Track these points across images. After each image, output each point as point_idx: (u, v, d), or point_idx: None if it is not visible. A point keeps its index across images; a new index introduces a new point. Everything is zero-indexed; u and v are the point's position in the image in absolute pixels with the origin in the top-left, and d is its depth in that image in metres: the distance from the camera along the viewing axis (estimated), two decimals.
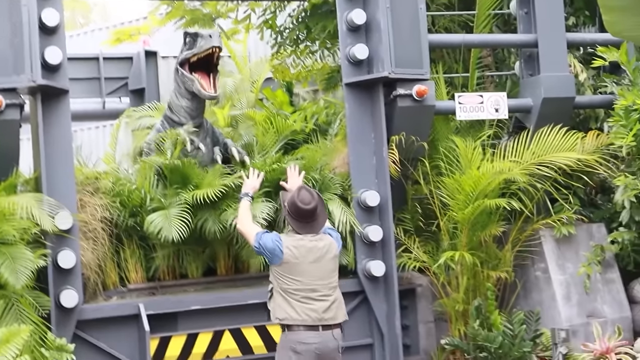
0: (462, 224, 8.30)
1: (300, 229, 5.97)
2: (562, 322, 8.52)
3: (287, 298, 5.85)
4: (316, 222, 6.03)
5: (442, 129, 8.86)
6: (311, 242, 5.93)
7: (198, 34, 8.15)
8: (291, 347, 5.81)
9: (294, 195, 6.02)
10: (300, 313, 5.81)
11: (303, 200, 5.94)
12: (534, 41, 8.94)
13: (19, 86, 6.97)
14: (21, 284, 6.33)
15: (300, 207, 5.93)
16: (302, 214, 5.95)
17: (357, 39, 8.12)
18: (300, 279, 5.85)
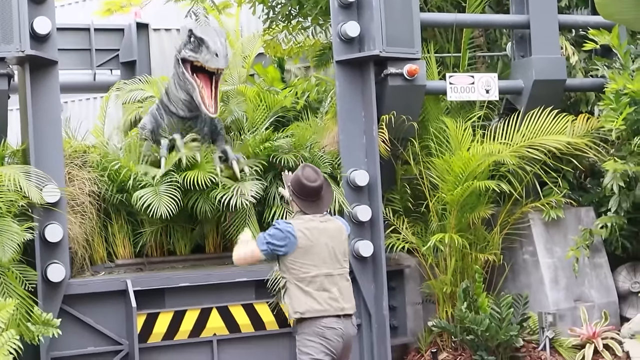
0: (451, 206, 8.29)
1: (307, 208, 5.82)
2: (549, 305, 8.55)
3: (304, 289, 5.69)
4: (322, 201, 5.90)
5: (432, 109, 8.84)
6: (322, 224, 5.79)
7: (204, 42, 7.64)
8: (317, 332, 5.66)
9: (297, 173, 5.88)
10: (322, 303, 5.67)
11: (308, 178, 5.80)
12: (526, 22, 8.90)
13: (7, 56, 6.90)
14: (8, 257, 6.27)
15: (305, 185, 5.79)
16: (308, 191, 5.81)
17: (348, 16, 8.05)
18: (316, 264, 5.69)
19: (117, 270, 7.81)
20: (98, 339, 7.35)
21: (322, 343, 5.66)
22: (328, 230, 5.80)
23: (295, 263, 5.70)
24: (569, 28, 9.72)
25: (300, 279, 5.69)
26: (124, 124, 10.62)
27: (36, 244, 6.97)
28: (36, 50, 7.01)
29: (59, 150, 7.28)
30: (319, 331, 5.64)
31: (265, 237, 5.76)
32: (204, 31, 7.78)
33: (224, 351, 7.64)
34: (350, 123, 8.14)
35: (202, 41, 7.63)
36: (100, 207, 7.77)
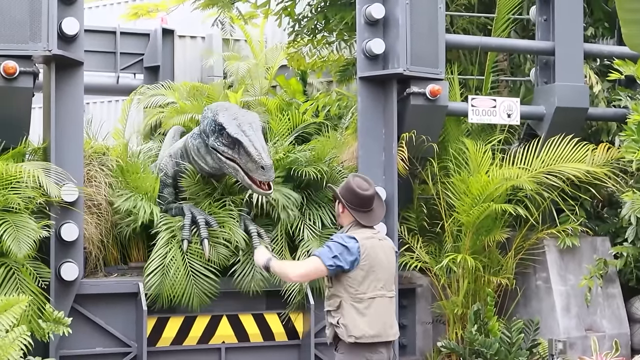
0: (466, 227, 8.27)
1: (364, 219, 5.44)
2: (560, 333, 8.50)
3: (362, 310, 5.30)
4: (377, 210, 5.56)
5: (453, 130, 8.84)
6: (380, 242, 5.47)
7: (243, 146, 7.07)
8: (366, 357, 5.33)
9: (348, 182, 5.53)
10: (375, 327, 5.31)
11: (361, 187, 5.46)
12: (551, 49, 8.90)
13: (34, 54, 6.95)
14: (23, 253, 6.30)
15: (359, 194, 5.43)
16: (363, 201, 5.45)
17: (374, 34, 8.08)
18: (374, 284, 5.34)
19: (129, 273, 7.82)
20: (107, 340, 7.37)
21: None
22: (384, 248, 5.48)
23: (354, 282, 5.31)
24: (593, 57, 9.71)
25: (357, 300, 5.31)
26: (144, 127, 10.70)
27: (51, 242, 7.00)
28: (63, 50, 7.06)
29: (80, 150, 7.31)
30: (368, 356, 5.33)
31: (332, 251, 5.30)
32: (237, 130, 7.15)
33: (231, 359, 7.64)
34: (370, 139, 8.15)
35: (239, 144, 7.12)
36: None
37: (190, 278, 7.36)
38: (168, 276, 7.30)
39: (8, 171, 6.57)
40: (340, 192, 5.54)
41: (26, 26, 6.87)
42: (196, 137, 7.64)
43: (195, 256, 7.44)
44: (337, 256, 5.26)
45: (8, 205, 6.55)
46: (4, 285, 6.39)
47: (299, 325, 7.86)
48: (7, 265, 6.48)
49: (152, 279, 7.29)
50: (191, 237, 7.44)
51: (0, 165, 6.53)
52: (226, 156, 7.22)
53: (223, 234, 7.49)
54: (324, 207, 8.07)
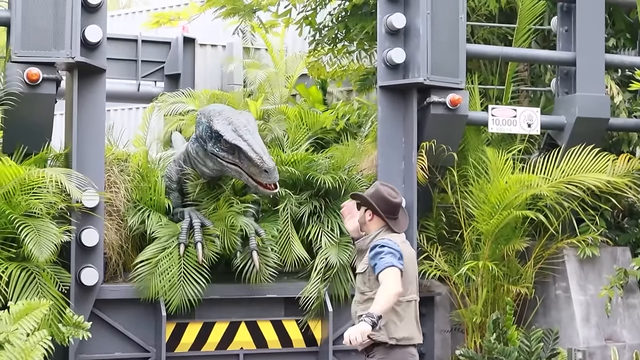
0: (485, 236, 8.26)
1: (394, 225, 5.53)
2: (579, 343, 8.45)
3: (399, 313, 5.35)
4: (403, 219, 5.66)
5: (472, 140, 8.83)
6: (409, 247, 5.60)
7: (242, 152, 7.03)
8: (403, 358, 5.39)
9: (378, 189, 5.59)
10: (411, 329, 5.40)
11: (391, 194, 5.55)
12: (572, 59, 8.88)
13: (58, 61, 7.01)
14: (45, 257, 6.34)
15: (392, 202, 5.52)
16: (394, 208, 5.54)
17: (395, 43, 8.11)
18: (408, 287, 5.40)
19: None
20: (126, 345, 7.41)
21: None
22: (412, 253, 5.60)
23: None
24: (615, 68, 9.68)
25: (397, 303, 5.30)
26: (164, 135, 10.76)
27: (72, 247, 7.05)
28: (86, 58, 7.12)
29: (101, 157, 7.37)
30: (405, 358, 5.39)
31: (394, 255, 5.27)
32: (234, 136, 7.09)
33: None
34: (390, 148, 8.17)
35: (238, 149, 7.07)
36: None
37: (180, 279, 7.34)
38: (157, 271, 7.31)
39: (30, 176, 6.62)
40: (371, 199, 5.58)
41: (50, 33, 6.95)
42: (194, 142, 7.60)
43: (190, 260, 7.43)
44: (399, 258, 5.28)
45: (30, 210, 6.60)
46: (25, 289, 6.43)
47: (317, 332, 7.88)
48: (29, 270, 6.52)
49: (141, 268, 7.32)
50: (187, 241, 7.42)
51: (23, 171, 6.58)
52: (227, 161, 7.21)
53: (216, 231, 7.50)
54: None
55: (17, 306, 5.67)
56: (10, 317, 5.55)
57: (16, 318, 5.53)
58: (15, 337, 5.27)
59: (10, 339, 5.25)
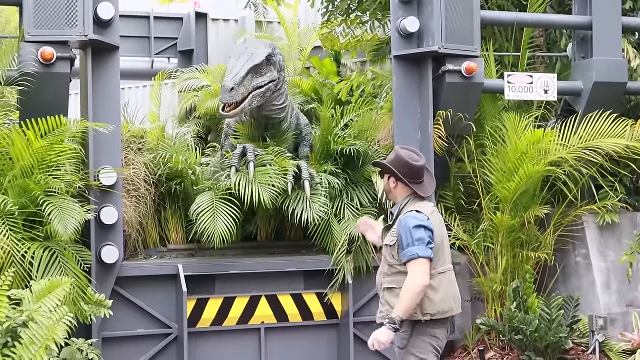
0: (504, 203, 8.22)
1: (422, 190, 5.35)
2: (600, 309, 8.43)
3: (433, 286, 5.16)
4: (431, 180, 5.52)
5: (489, 108, 8.77)
6: (439, 215, 5.45)
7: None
8: (431, 333, 5.26)
9: (398, 155, 5.39)
10: (449, 301, 5.25)
11: (413, 158, 5.37)
12: (589, 23, 8.79)
13: (71, 40, 7.00)
14: (69, 234, 6.34)
15: (414, 166, 5.33)
16: (419, 172, 5.36)
17: (408, 12, 8.05)
18: (443, 257, 5.29)
19: (169, 255, 7.89)
20: (148, 322, 7.45)
21: (433, 344, 5.29)
22: (441, 220, 5.46)
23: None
24: (632, 31, 9.55)
25: (430, 276, 5.16)
26: (179, 112, 10.74)
27: (92, 225, 7.07)
28: (99, 35, 7.11)
29: (117, 134, 7.36)
30: (433, 332, 5.25)
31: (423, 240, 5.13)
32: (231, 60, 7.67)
33: (271, 339, 7.71)
34: (406, 118, 8.13)
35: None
36: (154, 191, 7.86)
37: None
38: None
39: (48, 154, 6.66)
40: (393, 165, 5.41)
41: (62, 12, 6.93)
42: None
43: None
44: (429, 241, 5.16)
45: (50, 189, 6.61)
46: (48, 268, 6.46)
47: (338, 305, 7.89)
48: (51, 249, 6.55)
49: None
50: (239, 165, 7.60)
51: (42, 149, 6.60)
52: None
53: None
54: (362, 186, 8.09)
55: (40, 285, 5.70)
56: (34, 296, 5.58)
57: (39, 297, 5.56)
58: (39, 315, 5.29)
59: (34, 318, 5.27)
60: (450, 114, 8.03)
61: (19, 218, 6.54)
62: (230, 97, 7.25)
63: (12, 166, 6.63)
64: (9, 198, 6.47)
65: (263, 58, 7.56)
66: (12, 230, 6.43)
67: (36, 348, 5.14)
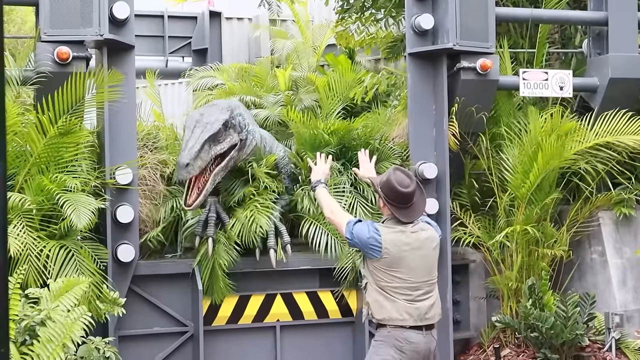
0: (519, 200, 8.21)
1: (402, 215, 5.41)
2: (616, 306, 8.42)
3: (387, 296, 5.37)
4: (417, 206, 5.49)
5: (504, 105, 8.76)
6: (413, 234, 5.43)
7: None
8: (395, 344, 5.35)
9: (388, 177, 5.48)
10: (402, 313, 5.35)
11: (401, 183, 5.41)
12: (604, 19, 8.75)
13: (87, 39, 7.03)
14: (83, 224, 6.33)
15: (398, 190, 5.38)
16: (402, 198, 5.40)
17: (423, 9, 8.03)
18: (402, 276, 5.36)
19: (184, 254, 7.90)
20: (164, 320, 7.48)
21: (395, 356, 5.35)
22: (419, 240, 5.45)
23: (379, 271, 5.39)
24: None
25: (382, 287, 5.38)
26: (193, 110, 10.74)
27: (107, 224, 7.10)
28: (114, 35, 7.13)
29: (133, 133, 7.39)
30: (397, 344, 5.35)
31: (353, 227, 5.46)
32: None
33: (286, 337, 7.73)
34: (421, 116, 8.12)
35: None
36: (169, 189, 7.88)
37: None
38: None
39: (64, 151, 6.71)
40: (380, 186, 5.52)
41: (78, 11, 6.96)
42: None
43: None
44: (355, 235, 5.42)
45: (66, 186, 6.64)
46: (64, 266, 6.49)
47: (353, 303, 7.89)
48: (67, 247, 6.58)
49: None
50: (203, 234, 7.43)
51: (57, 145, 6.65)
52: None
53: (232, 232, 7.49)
54: None
55: (57, 283, 5.74)
56: (51, 295, 5.62)
57: (56, 295, 5.60)
58: (57, 314, 5.33)
59: (51, 316, 5.31)
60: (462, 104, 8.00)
61: (35, 216, 6.58)
62: (187, 172, 6.71)
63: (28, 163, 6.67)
64: (26, 196, 6.51)
65: (219, 126, 6.97)
66: (28, 227, 6.47)
67: (53, 346, 5.18)
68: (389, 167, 7.83)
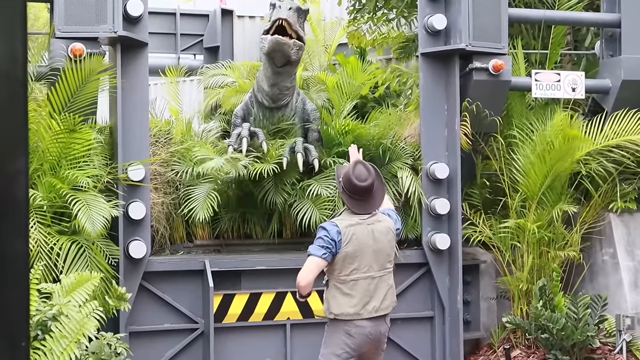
0: (530, 200, 8.20)
1: (355, 207, 5.54)
2: (627, 309, 8.39)
3: (345, 291, 5.49)
4: (372, 200, 5.59)
5: (516, 105, 8.75)
6: (368, 226, 5.50)
7: (275, 5, 7.77)
8: (344, 329, 5.51)
9: (349, 170, 5.58)
10: (357, 306, 5.47)
11: (359, 177, 5.49)
12: (617, 21, 8.74)
13: (101, 36, 7.05)
14: (97, 231, 6.40)
15: (355, 184, 5.48)
16: (358, 191, 5.50)
17: (436, 9, 8.03)
18: (359, 267, 5.47)
19: (195, 251, 7.93)
20: (175, 317, 7.48)
21: (345, 341, 5.52)
22: (374, 232, 5.53)
23: (336, 265, 5.48)
24: None
25: (341, 281, 5.50)
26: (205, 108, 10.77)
27: (119, 220, 7.10)
28: (128, 32, 7.15)
29: (145, 129, 7.41)
30: (346, 329, 5.50)
31: (318, 242, 5.46)
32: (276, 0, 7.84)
33: (297, 336, 7.71)
34: (433, 116, 8.12)
35: (273, 6, 7.78)
36: (180, 186, 7.89)
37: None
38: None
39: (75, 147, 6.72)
40: (342, 176, 5.61)
41: (92, 8, 6.99)
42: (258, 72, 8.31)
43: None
44: (325, 245, 5.41)
45: (77, 183, 6.66)
46: (75, 262, 6.51)
47: None
48: (79, 243, 6.60)
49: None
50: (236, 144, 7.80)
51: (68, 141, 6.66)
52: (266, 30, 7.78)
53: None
54: (388, 182, 8.04)
55: (69, 279, 5.76)
56: (63, 290, 5.63)
57: (69, 291, 5.61)
58: (69, 309, 5.34)
59: (64, 311, 5.32)
60: (475, 109, 7.99)
61: (47, 212, 6.60)
62: (287, 15, 7.47)
63: (38, 158, 6.69)
64: (38, 192, 6.53)
65: (307, 9, 7.92)
66: (40, 223, 6.49)
67: (67, 342, 5.19)
68: (401, 167, 7.92)
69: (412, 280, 8.00)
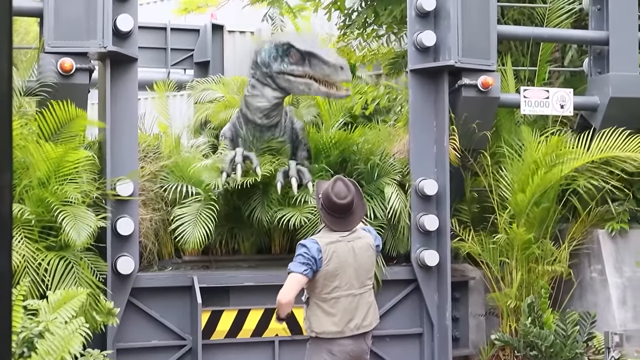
0: (518, 217, 8.21)
1: (333, 224, 5.44)
2: (616, 326, 8.40)
3: (326, 309, 5.40)
4: (352, 217, 5.49)
5: (505, 122, 8.77)
6: (348, 244, 5.42)
7: (316, 56, 7.46)
8: (327, 348, 5.41)
9: (328, 187, 5.48)
10: (339, 324, 5.38)
11: (338, 194, 5.40)
12: (605, 38, 8.79)
13: (90, 51, 7.05)
14: (82, 241, 6.36)
15: (334, 202, 5.39)
16: (337, 209, 5.41)
17: (425, 26, 8.06)
18: (340, 285, 5.38)
19: (183, 267, 7.91)
20: (163, 333, 7.45)
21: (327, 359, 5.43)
22: (354, 249, 5.44)
23: (317, 283, 5.39)
24: None
25: (322, 299, 5.40)
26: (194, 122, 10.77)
27: (107, 236, 7.08)
28: (118, 47, 7.15)
29: (134, 145, 7.40)
30: (328, 347, 5.41)
31: (298, 259, 5.34)
32: (306, 45, 7.57)
33: (285, 353, 7.69)
34: (422, 132, 8.13)
35: (311, 56, 7.47)
36: (168, 202, 7.87)
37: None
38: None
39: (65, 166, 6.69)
40: (322, 194, 5.52)
41: (82, 24, 6.99)
42: (250, 79, 8.08)
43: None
44: (306, 262, 5.29)
45: (66, 198, 6.65)
46: (63, 278, 6.48)
47: None
48: (66, 259, 6.57)
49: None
50: (229, 169, 7.67)
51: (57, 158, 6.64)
52: (296, 74, 7.52)
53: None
54: (376, 198, 8.05)
55: (56, 295, 5.73)
56: (50, 307, 5.60)
57: (55, 307, 5.59)
58: (55, 326, 5.31)
59: (50, 328, 5.29)
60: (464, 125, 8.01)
61: (35, 227, 6.57)
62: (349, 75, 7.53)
63: (28, 175, 6.67)
64: (26, 207, 6.51)
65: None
66: (28, 238, 6.46)
67: (52, 359, 5.16)
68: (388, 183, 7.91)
69: (401, 297, 8.00)
